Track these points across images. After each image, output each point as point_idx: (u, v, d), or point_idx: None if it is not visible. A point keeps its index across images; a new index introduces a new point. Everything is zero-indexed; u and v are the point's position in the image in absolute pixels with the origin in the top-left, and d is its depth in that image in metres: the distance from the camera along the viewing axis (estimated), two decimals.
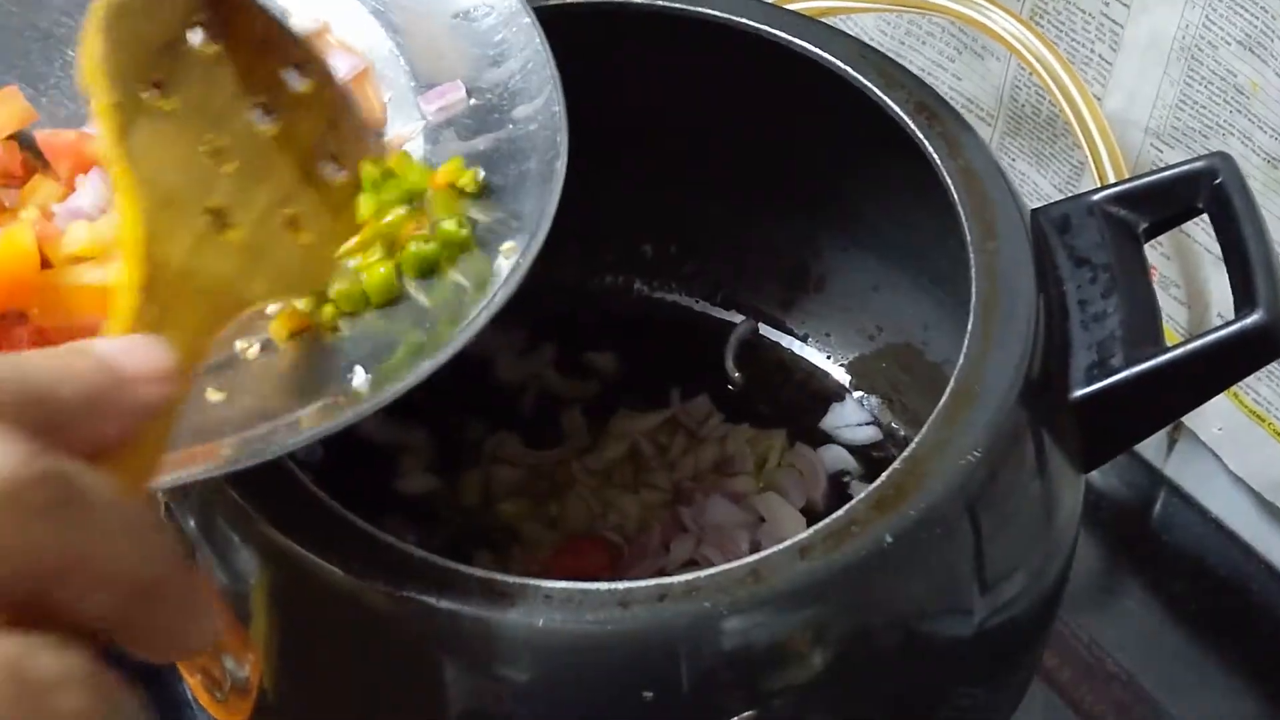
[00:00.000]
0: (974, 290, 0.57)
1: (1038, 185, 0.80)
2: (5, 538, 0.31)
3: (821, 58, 0.63)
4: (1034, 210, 0.61)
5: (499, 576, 0.49)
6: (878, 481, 0.52)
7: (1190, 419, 0.79)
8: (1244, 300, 0.55)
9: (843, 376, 0.76)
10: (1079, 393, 0.56)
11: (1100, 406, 0.56)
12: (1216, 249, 0.72)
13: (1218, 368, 0.56)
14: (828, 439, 0.74)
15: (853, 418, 0.74)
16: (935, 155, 0.60)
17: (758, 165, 0.73)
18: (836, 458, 0.73)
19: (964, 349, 0.55)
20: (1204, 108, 0.71)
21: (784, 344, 0.77)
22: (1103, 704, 0.75)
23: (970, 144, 0.61)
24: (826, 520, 0.51)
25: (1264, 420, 0.75)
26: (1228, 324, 0.55)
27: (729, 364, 0.76)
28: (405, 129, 0.58)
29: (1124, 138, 0.74)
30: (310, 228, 0.53)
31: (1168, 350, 0.56)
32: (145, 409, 0.36)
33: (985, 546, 0.54)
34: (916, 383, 0.73)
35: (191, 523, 0.54)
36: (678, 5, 0.65)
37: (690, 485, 0.71)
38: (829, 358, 0.76)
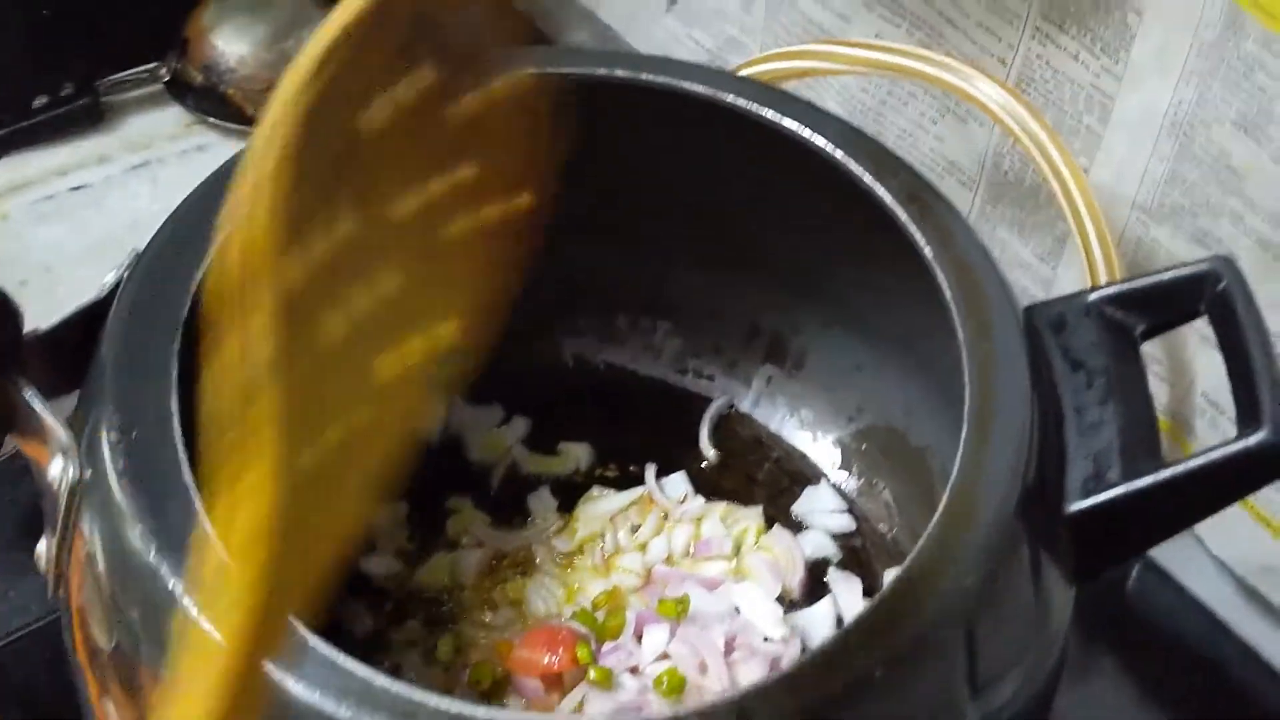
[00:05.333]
0: (967, 395, 0.55)
1: (1018, 254, 0.78)
2: None
3: (811, 142, 0.62)
4: (1028, 308, 0.59)
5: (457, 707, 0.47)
6: (871, 604, 0.51)
7: None
8: (1249, 417, 0.53)
9: (821, 457, 0.74)
10: (1075, 507, 0.54)
11: (1096, 521, 0.54)
12: (1202, 327, 0.71)
13: (1218, 487, 0.55)
14: (802, 525, 0.72)
15: (827, 504, 0.72)
16: (927, 249, 0.59)
17: (738, 241, 0.71)
18: (817, 544, 0.70)
19: (958, 458, 0.54)
20: (1195, 186, 0.69)
21: (760, 421, 0.75)
22: None
23: (963, 236, 0.60)
24: (815, 650, 0.50)
25: (1246, 503, 0.74)
26: (1230, 442, 0.53)
27: (704, 441, 0.74)
28: None
29: (1111, 211, 0.72)
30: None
31: (1167, 466, 0.54)
32: None
33: (978, 662, 0.53)
34: (897, 468, 0.71)
35: (135, 615, 0.51)
36: (662, 79, 0.64)
37: (664, 570, 0.68)
38: (808, 437, 0.74)
